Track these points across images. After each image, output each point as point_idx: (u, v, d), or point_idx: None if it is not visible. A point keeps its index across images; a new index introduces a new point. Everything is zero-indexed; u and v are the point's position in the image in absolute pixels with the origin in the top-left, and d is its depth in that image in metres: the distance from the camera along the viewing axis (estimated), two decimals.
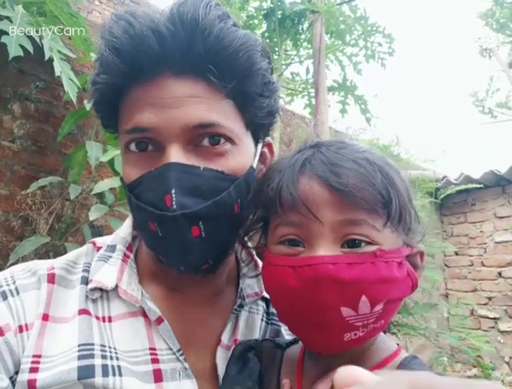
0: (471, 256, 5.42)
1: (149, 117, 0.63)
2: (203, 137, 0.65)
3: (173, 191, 0.61)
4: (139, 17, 0.63)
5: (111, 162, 2.47)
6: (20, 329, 0.64)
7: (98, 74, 0.67)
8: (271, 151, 0.82)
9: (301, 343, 0.72)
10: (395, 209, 0.59)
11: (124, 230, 0.80)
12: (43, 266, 0.73)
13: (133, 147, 0.66)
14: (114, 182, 2.41)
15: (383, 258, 0.58)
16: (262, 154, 0.79)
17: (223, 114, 0.66)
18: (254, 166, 0.74)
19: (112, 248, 0.77)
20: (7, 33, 1.89)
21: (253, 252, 0.85)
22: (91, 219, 2.32)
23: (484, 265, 5.28)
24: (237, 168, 0.68)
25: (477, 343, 3.16)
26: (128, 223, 0.81)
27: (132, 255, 0.77)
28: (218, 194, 0.65)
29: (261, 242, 0.71)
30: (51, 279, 0.71)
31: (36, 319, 0.65)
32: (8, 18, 1.92)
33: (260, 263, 0.83)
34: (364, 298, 0.56)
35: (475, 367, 4.77)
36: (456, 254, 5.50)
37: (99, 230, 2.88)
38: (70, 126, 2.66)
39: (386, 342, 0.68)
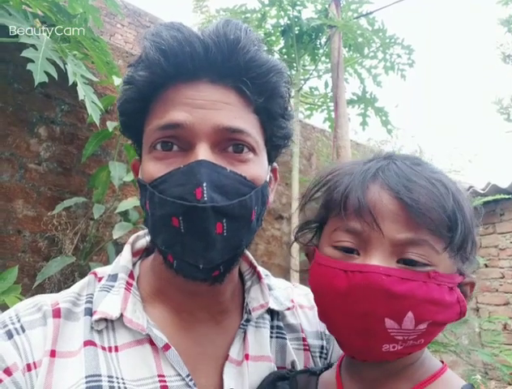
0: (501, 268, 5.24)
1: (183, 114, 0.66)
2: (229, 143, 0.69)
3: (205, 184, 0.63)
4: (187, 27, 0.69)
5: (135, 181, 2.51)
6: (28, 368, 0.63)
7: (137, 72, 0.70)
8: (275, 177, 0.85)
9: (335, 366, 0.74)
10: (459, 236, 0.60)
11: (124, 258, 0.80)
12: (47, 301, 0.72)
13: (159, 146, 0.69)
14: (138, 200, 2.44)
15: (436, 280, 0.59)
16: (269, 178, 0.81)
17: (250, 125, 0.70)
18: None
19: (113, 277, 0.76)
20: (33, 60, 1.96)
21: (255, 263, 0.86)
22: (114, 237, 2.36)
23: None
24: (257, 176, 0.71)
25: (511, 360, 3.03)
26: (127, 249, 0.81)
27: (135, 283, 0.77)
28: (241, 196, 0.67)
29: (312, 242, 0.73)
30: (57, 314, 0.70)
31: (44, 356, 0.65)
32: (33, 46, 1.99)
33: (263, 275, 0.86)
34: (410, 314, 0.58)
35: (510, 385, 4.57)
36: (486, 266, 5.33)
37: (122, 248, 2.90)
38: (94, 147, 2.72)
39: (431, 360, 0.68)
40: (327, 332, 0.86)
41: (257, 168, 0.71)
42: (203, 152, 0.65)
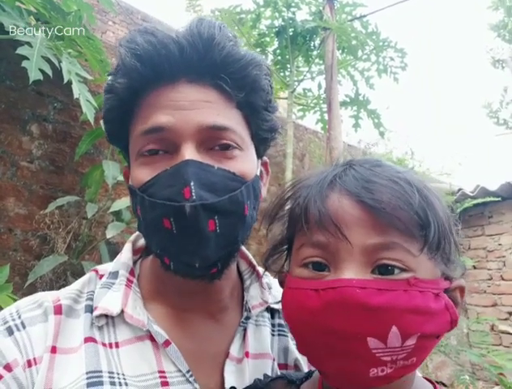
0: (489, 270, 5.31)
1: (165, 117, 0.66)
2: (215, 143, 0.68)
3: (192, 183, 0.63)
4: (160, 30, 0.69)
5: None
6: (29, 364, 0.63)
7: (115, 80, 0.70)
8: (267, 171, 0.85)
9: (316, 377, 0.68)
10: (433, 233, 0.54)
11: (124, 255, 0.80)
12: (48, 298, 0.72)
13: (145, 151, 0.69)
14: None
15: (418, 287, 0.53)
16: (260, 172, 0.81)
17: (233, 121, 0.70)
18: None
19: (114, 275, 0.77)
20: (27, 58, 1.95)
21: (254, 262, 0.86)
22: (108, 237, 2.35)
23: (503, 279, 5.17)
24: (246, 171, 0.71)
25: (500, 360, 3.07)
26: (128, 247, 0.82)
27: (135, 280, 0.77)
28: (231, 191, 0.67)
29: (284, 268, 0.68)
30: (58, 310, 0.70)
31: (45, 352, 0.65)
32: (28, 43, 1.97)
33: (262, 274, 0.84)
34: (394, 329, 0.51)
35: (497, 385, 4.63)
36: (474, 267, 5.39)
37: (115, 247, 2.90)
38: (87, 145, 2.71)
39: (424, 385, 0.63)
40: None
41: (245, 163, 0.71)
42: (189, 152, 0.65)
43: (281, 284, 0.68)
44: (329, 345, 0.54)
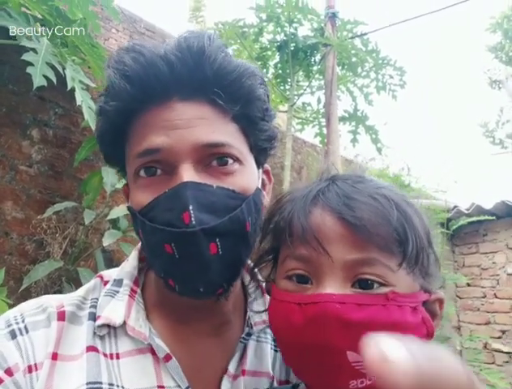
0: (483, 287, 5.32)
1: (160, 138, 0.65)
2: (212, 158, 0.67)
3: (191, 208, 0.61)
4: (148, 47, 0.67)
5: None
6: (29, 369, 0.63)
7: (107, 102, 0.68)
8: (269, 178, 0.84)
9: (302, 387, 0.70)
10: (412, 249, 0.56)
11: (130, 263, 0.79)
12: (52, 303, 0.72)
13: (142, 172, 0.67)
14: None
15: (396, 302, 0.54)
16: (262, 181, 0.80)
17: (230, 136, 0.68)
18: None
19: (118, 282, 0.76)
20: (31, 63, 1.97)
21: (259, 277, 0.84)
22: (104, 245, 2.35)
23: (497, 297, 5.18)
24: (246, 187, 0.69)
25: (492, 379, 3.07)
26: (134, 256, 0.81)
27: (139, 290, 0.76)
28: (231, 211, 0.66)
29: (270, 277, 0.69)
30: (61, 316, 0.70)
31: (46, 359, 0.64)
32: (33, 49, 2.00)
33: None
34: None
35: None
36: (468, 285, 5.41)
37: (110, 255, 2.89)
38: (87, 152, 2.72)
39: None
40: None
41: (245, 177, 0.70)
42: (187, 173, 0.64)
43: (268, 292, 0.70)
44: (311, 358, 0.56)
